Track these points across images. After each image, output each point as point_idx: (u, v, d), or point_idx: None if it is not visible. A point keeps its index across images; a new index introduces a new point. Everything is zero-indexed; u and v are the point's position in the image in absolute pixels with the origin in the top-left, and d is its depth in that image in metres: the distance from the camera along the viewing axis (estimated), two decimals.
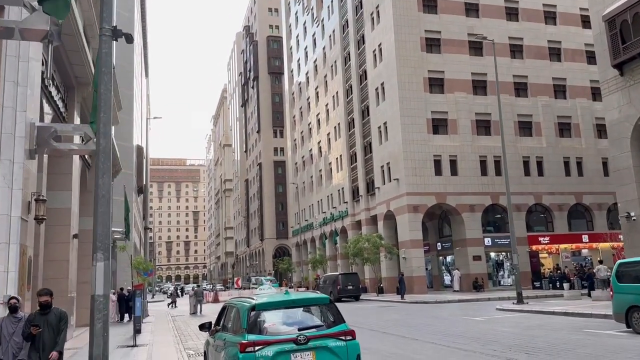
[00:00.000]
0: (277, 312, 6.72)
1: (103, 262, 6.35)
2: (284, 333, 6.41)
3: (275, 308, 6.74)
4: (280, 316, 6.70)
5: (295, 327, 6.52)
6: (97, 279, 6.29)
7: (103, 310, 6.23)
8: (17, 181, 10.98)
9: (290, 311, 6.80)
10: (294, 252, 68.03)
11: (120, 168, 32.08)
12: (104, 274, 6.32)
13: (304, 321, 6.75)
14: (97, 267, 6.33)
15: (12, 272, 10.59)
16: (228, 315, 7.85)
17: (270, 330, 6.45)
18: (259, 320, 6.52)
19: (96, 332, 6.15)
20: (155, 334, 18.02)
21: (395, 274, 39.18)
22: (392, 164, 38.40)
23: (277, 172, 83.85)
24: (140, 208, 63.67)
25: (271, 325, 6.53)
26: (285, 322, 6.62)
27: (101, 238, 6.40)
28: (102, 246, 6.39)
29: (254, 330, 6.40)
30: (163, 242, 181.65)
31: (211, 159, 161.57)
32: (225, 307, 8.29)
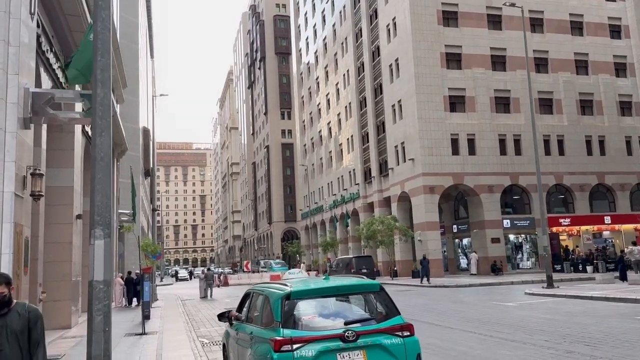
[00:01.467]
0: (317, 302, 5.49)
1: (103, 240, 5.12)
2: (328, 328, 5.19)
3: (315, 296, 5.50)
4: (321, 307, 5.47)
5: (340, 320, 5.29)
6: (95, 261, 5.08)
7: (104, 299, 5.02)
8: (9, 152, 9.76)
9: (333, 301, 5.56)
10: (303, 235, 67.04)
11: (126, 148, 30.88)
12: (104, 255, 5.10)
13: (350, 313, 5.53)
14: (96, 246, 5.10)
15: (5, 254, 9.43)
16: (253, 303, 6.65)
17: (311, 324, 5.22)
18: (295, 311, 5.29)
19: (95, 327, 4.95)
20: (165, 320, 16.97)
21: (409, 257, 38.05)
22: (407, 143, 36.98)
23: (285, 155, 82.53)
24: (148, 191, 62.75)
25: (311, 317, 5.29)
26: (328, 314, 5.39)
27: (100, 210, 5.17)
28: (101, 220, 5.15)
29: (289, 324, 5.18)
30: (170, 225, 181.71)
31: (217, 142, 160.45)
32: (248, 293, 7.08)
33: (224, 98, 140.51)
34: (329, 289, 5.60)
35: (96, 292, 5.01)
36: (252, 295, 6.73)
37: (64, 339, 12.88)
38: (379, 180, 42.91)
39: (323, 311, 5.41)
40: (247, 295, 7.23)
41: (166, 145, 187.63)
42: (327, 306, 5.49)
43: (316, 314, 5.33)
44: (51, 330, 14.57)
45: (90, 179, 5.29)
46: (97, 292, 5.01)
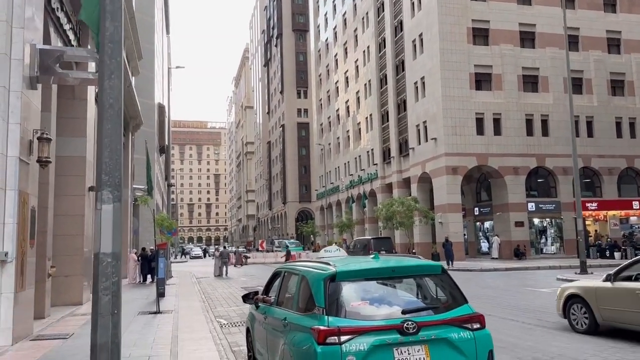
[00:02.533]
0: (368, 285, 4.54)
1: (112, 205, 4.21)
2: (382, 317, 4.25)
3: (365, 278, 4.55)
4: (373, 291, 4.53)
5: (396, 308, 4.35)
6: (103, 230, 4.17)
7: (112, 276, 4.13)
8: (14, 114, 8.91)
9: (386, 285, 4.61)
10: (317, 216, 66.30)
11: (141, 122, 30.17)
12: (113, 222, 4.20)
13: (408, 300, 4.59)
14: (104, 212, 4.20)
15: (9, 224, 8.64)
16: (285, 284, 5.75)
17: (361, 312, 4.29)
18: (342, 296, 4.36)
19: (102, 309, 4.07)
20: (181, 299, 16.28)
21: (428, 239, 37.05)
22: (430, 122, 35.68)
23: (301, 134, 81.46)
24: (163, 168, 62.33)
25: (361, 304, 4.36)
26: (382, 301, 4.45)
27: (108, 168, 4.25)
28: (110, 181, 4.23)
29: (334, 311, 4.25)
30: (185, 204, 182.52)
31: (232, 121, 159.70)
32: (278, 273, 6.18)
33: (239, 76, 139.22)
34: (382, 270, 4.64)
35: (103, 268, 4.12)
36: (284, 275, 5.82)
37: (74, 317, 12.21)
38: (398, 160, 41.75)
39: (375, 297, 4.47)
40: (277, 274, 6.33)
41: (181, 124, 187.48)
42: (380, 291, 4.55)
43: (367, 300, 4.40)
44: (62, 306, 13.95)
45: (97, 131, 4.37)
46: (104, 267, 4.12)
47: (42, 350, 8.07)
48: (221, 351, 7.89)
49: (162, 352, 7.83)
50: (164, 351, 7.89)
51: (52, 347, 8.36)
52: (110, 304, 4.09)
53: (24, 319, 9.09)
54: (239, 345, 8.92)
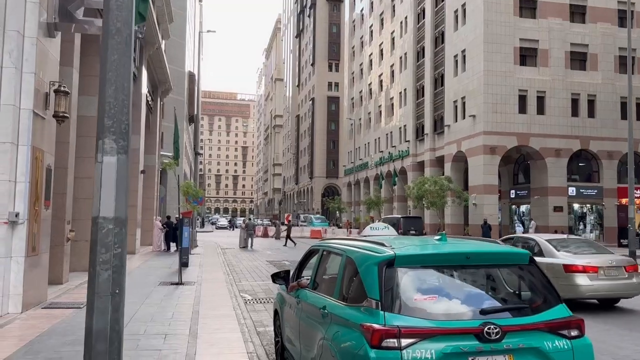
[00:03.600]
0: (434, 275, 3.57)
1: (116, 157, 3.32)
2: (455, 317, 3.29)
3: (431, 266, 3.57)
4: (440, 283, 3.55)
5: (473, 307, 3.37)
6: (104, 188, 3.29)
7: (114, 247, 3.26)
8: (28, 62, 8.12)
9: (459, 275, 3.63)
10: (344, 192, 65.39)
11: (170, 87, 29.54)
12: (116, 180, 3.31)
13: (488, 297, 3.60)
14: (105, 166, 3.31)
15: (20, 182, 7.93)
16: (323, 265, 4.84)
17: (427, 309, 3.32)
18: (402, 286, 3.40)
19: (99, 288, 3.21)
20: (204, 269, 15.67)
21: (459, 221, 35.78)
22: (468, 98, 34.02)
23: (330, 109, 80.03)
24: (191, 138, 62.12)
25: (427, 299, 3.39)
26: (454, 296, 3.47)
27: (113, 111, 3.34)
28: (114, 127, 3.33)
29: (393, 306, 3.30)
30: (212, 175, 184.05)
31: (262, 93, 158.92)
32: (315, 251, 5.27)
33: (270, 48, 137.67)
34: (454, 256, 3.64)
35: (102, 236, 3.24)
36: (322, 255, 4.89)
37: None
38: (432, 137, 40.25)
39: (445, 290, 3.50)
40: (312, 252, 5.42)
41: (211, 94, 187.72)
42: (450, 283, 3.57)
43: (434, 294, 3.43)
44: (82, 271, 13.43)
45: (100, 63, 3.44)
46: (103, 235, 3.24)
47: (52, 320, 7.43)
48: (245, 332, 7.09)
49: (180, 330, 7.08)
50: (183, 329, 7.14)
51: (63, 317, 7.72)
52: (111, 282, 3.23)
53: (37, 285, 8.48)
54: (264, 325, 8.14)
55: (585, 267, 9.54)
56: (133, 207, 20.43)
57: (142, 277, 13.34)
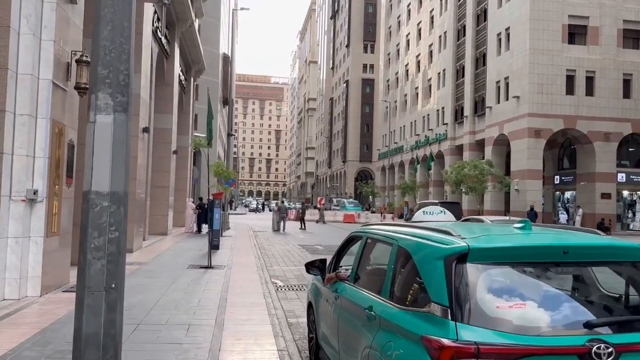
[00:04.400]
0: (519, 275, 2.73)
1: (112, 116, 2.62)
2: (551, 332, 2.47)
3: (516, 262, 2.73)
4: (531, 286, 2.71)
5: (575, 319, 2.53)
6: (97, 155, 2.60)
7: (110, 230, 2.58)
8: (47, 29, 7.56)
9: (554, 275, 2.78)
10: (378, 176, 64.27)
11: (203, 67, 29.10)
12: (113, 145, 2.61)
13: (592, 305, 2.77)
14: (99, 128, 2.62)
15: (39, 157, 7.43)
16: (367, 256, 4.09)
17: (514, 320, 2.50)
18: (477, 289, 2.59)
19: (90, 281, 2.54)
20: (235, 253, 15.17)
21: (499, 207, 34.34)
22: (512, 79, 32.33)
23: (365, 91, 78.52)
24: (226, 120, 62.01)
25: (513, 306, 2.56)
26: (550, 304, 2.62)
27: (108, 58, 2.63)
28: (110, 78, 2.63)
29: (463, 314, 2.51)
30: (246, 158, 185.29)
31: (295, 77, 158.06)
32: (356, 237, 4.51)
33: (304, 30, 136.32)
34: (548, 249, 2.79)
35: (95, 215, 2.56)
36: (366, 243, 4.12)
37: None
38: (472, 120, 38.67)
39: (537, 296, 2.66)
40: (353, 239, 4.66)
41: (245, 78, 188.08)
42: (543, 285, 2.73)
43: (523, 301, 2.60)
44: None
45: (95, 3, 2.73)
46: (96, 214, 2.56)
47: (70, 305, 6.92)
48: (275, 324, 6.43)
49: (205, 320, 6.48)
50: (208, 319, 6.54)
51: None
52: (105, 274, 2.55)
53: (57, 267, 8.03)
54: (296, 316, 7.49)
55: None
56: (165, 187, 20.16)
57: (171, 259, 12.92)
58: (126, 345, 5.24)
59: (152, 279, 9.64)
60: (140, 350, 5.13)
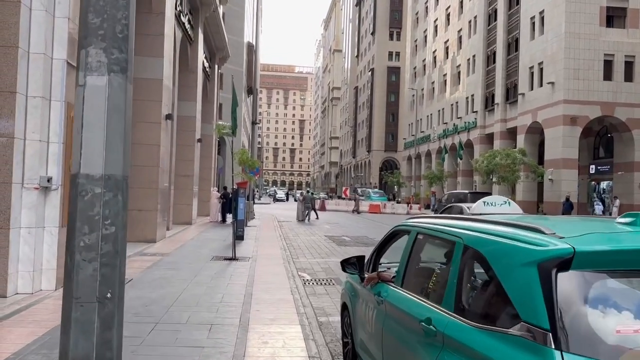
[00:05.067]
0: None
1: (107, 77, 2.03)
2: None
3: (635, 270, 2.07)
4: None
5: None
6: (86, 125, 2.02)
7: (104, 223, 2.00)
8: (61, 5, 7.07)
9: None
10: (404, 166, 63.19)
11: (228, 54, 28.62)
12: (108, 112, 2.03)
13: None
14: (89, 92, 2.03)
15: (54, 143, 6.98)
16: (418, 254, 3.47)
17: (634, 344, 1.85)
18: (589, 307, 1.93)
19: (79, 289, 1.97)
20: (260, 244, 14.69)
21: (532, 198, 33.17)
22: (547, 64, 30.96)
23: (390, 79, 77.17)
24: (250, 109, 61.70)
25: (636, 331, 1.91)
26: None
27: (102, 4, 2.03)
28: (104, 28, 2.03)
29: (568, 339, 1.85)
30: (270, 147, 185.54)
31: (320, 66, 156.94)
32: (402, 231, 3.88)
33: (329, 18, 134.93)
34: None
35: (85, 205, 1.99)
36: (416, 239, 3.48)
37: (142, 256, 10.86)
38: (503, 107, 37.35)
39: None
40: (398, 234, 4.04)
41: (269, 67, 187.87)
42: None
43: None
44: (134, 242, 12.77)
45: None
46: (86, 203, 1.99)
47: None
48: (305, 325, 5.86)
49: (229, 319, 5.95)
50: (232, 318, 6.01)
51: None
52: (98, 281, 1.98)
53: None
54: (326, 314, 6.92)
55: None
56: (189, 176, 19.80)
57: (195, 250, 12.49)
58: (142, 349, 4.75)
59: (174, 271, 9.19)
60: (156, 355, 4.63)
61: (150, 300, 6.68)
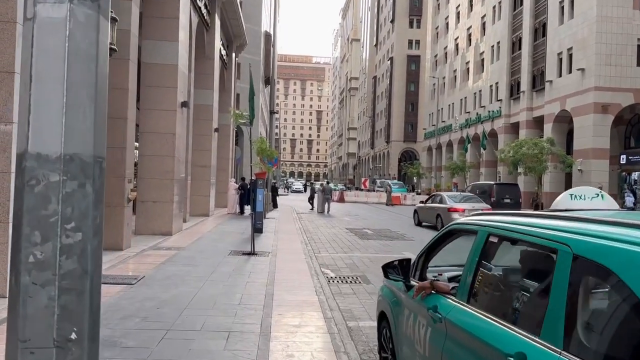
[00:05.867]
0: None
1: (67, 6, 1.33)
2: None
3: None
4: None
5: None
6: (36, 81, 1.33)
7: (68, 227, 1.31)
8: None
9: None
10: (424, 157, 62.03)
11: (245, 42, 27.99)
12: (68, 59, 1.33)
13: None
14: (40, 28, 1.34)
15: None
16: (490, 263, 2.74)
17: None
18: None
19: (28, 327, 1.29)
20: (279, 237, 14.08)
21: (559, 189, 31.89)
22: (576, 49, 29.63)
23: (410, 68, 75.71)
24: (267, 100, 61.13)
25: None
26: None
27: None
28: None
29: None
30: (287, 139, 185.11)
31: (337, 56, 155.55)
32: (463, 231, 3.17)
33: (347, 7, 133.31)
34: None
35: (35, 197, 1.31)
36: (486, 242, 2.73)
37: (156, 250, 10.30)
38: (529, 95, 36.04)
39: None
40: (456, 233, 3.32)
41: (286, 58, 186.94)
42: None
43: None
44: (149, 235, 12.28)
45: None
46: (38, 194, 1.31)
47: None
48: (334, 333, 5.18)
49: (248, 325, 5.30)
50: (252, 324, 5.35)
51: (105, 298, 6.21)
52: (55, 316, 1.30)
53: None
54: (356, 318, 6.24)
55: (457, 209, 17.25)
56: (206, 167, 19.26)
57: (212, 243, 11.91)
58: None
59: (189, 267, 8.59)
60: None
61: (162, 302, 6.07)
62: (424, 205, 20.07)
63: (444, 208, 17.98)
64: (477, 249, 2.75)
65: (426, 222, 19.58)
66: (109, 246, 9.46)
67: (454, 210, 17.24)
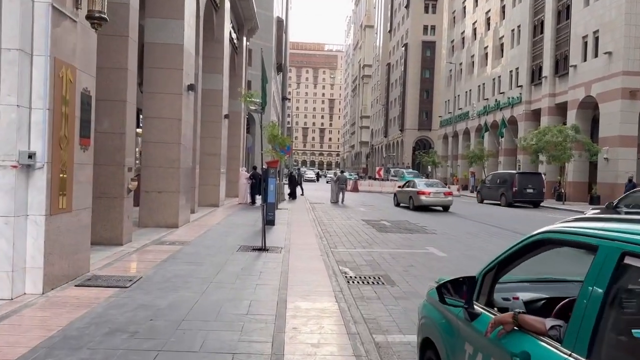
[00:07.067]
0: None
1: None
2: None
3: None
4: None
5: None
6: None
7: None
8: None
9: None
10: (438, 145, 60.69)
11: (256, 25, 26.98)
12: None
13: None
14: None
15: (37, 109, 5.51)
16: (630, 297, 1.79)
17: None
18: None
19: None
20: (292, 230, 13.22)
21: (583, 178, 30.69)
22: (603, 32, 28.16)
23: (425, 55, 74.09)
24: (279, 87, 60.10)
25: None
26: None
27: None
28: None
29: None
30: (300, 127, 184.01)
31: (350, 43, 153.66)
32: (560, 242, 2.22)
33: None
34: None
35: None
36: (619, 264, 1.78)
37: (159, 245, 9.47)
38: (552, 81, 34.59)
39: None
40: (544, 244, 2.36)
41: (298, 46, 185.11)
42: None
43: None
44: (153, 228, 11.47)
45: None
46: None
47: (76, 310, 5.06)
48: (362, 356, 4.27)
49: (256, 344, 4.40)
50: (262, 341, 4.46)
51: (97, 302, 5.35)
52: None
53: (68, 254, 6.20)
54: (383, 331, 5.35)
55: (424, 192, 21.35)
56: (216, 155, 18.40)
57: (220, 237, 11.05)
58: None
59: (193, 265, 7.74)
60: None
61: (158, 312, 5.20)
62: (402, 190, 24.18)
63: (414, 191, 21.94)
64: (603, 275, 1.80)
65: (403, 204, 23.45)
66: (107, 241, 8.65)
67: (421, 193, 21.35)
